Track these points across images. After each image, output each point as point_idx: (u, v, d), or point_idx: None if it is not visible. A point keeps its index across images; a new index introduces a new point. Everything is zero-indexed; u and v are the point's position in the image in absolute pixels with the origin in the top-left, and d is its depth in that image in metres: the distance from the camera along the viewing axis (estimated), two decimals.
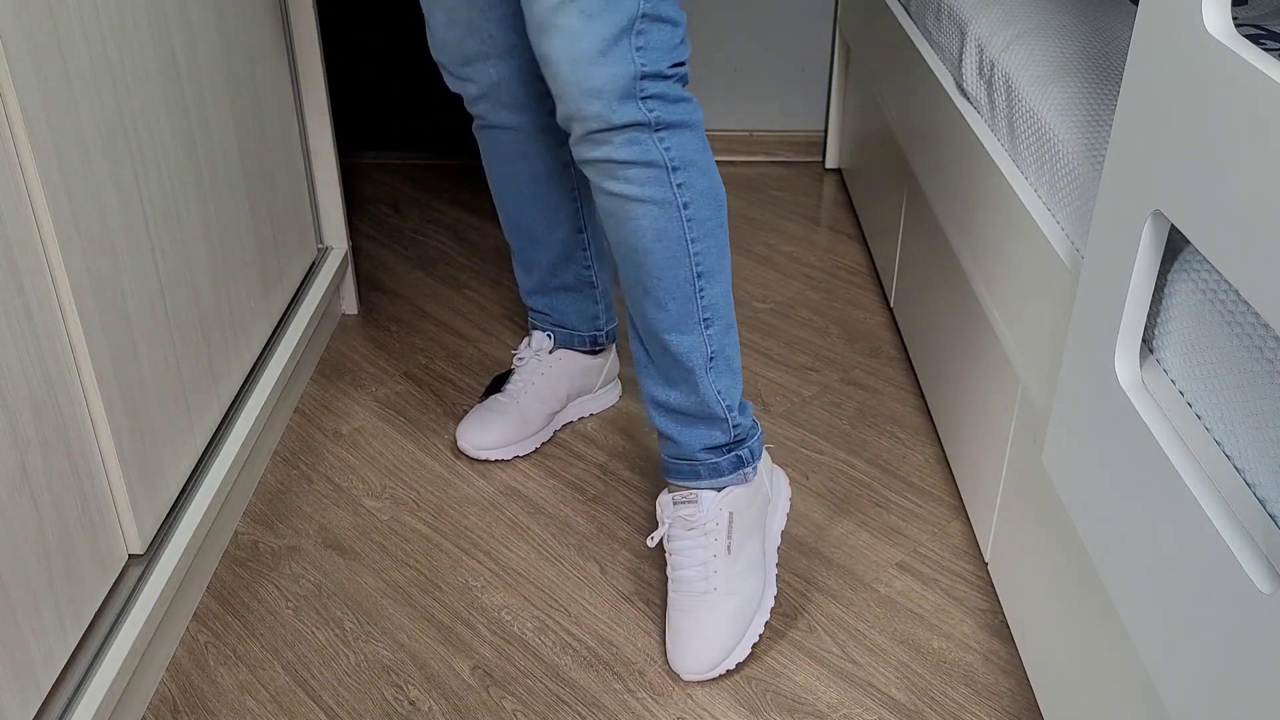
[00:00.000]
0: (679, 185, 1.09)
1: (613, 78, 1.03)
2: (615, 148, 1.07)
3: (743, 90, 2.49)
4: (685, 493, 1.23)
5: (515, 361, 1.60)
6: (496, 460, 1.56)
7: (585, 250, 1.51)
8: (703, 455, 1.22)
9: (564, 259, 1.51)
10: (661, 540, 1.33)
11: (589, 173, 1.11)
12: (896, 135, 1.81)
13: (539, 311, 1.58)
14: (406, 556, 1.40)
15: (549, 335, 1.58)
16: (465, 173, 2.48)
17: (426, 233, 2.21)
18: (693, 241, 1.11)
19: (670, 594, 1.25)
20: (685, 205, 1.10)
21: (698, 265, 1.13)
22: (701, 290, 1.14)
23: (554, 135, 1.41)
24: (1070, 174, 1.09)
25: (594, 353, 1.61)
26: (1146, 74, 0.82)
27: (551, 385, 1.59)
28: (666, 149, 1.08)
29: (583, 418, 1.66)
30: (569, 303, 1.56)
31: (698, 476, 1.23)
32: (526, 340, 1.61)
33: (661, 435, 1.24)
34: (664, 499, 1.25)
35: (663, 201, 1.09)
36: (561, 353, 1.59)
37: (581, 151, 1.10)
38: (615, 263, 1.29)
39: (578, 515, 1.47)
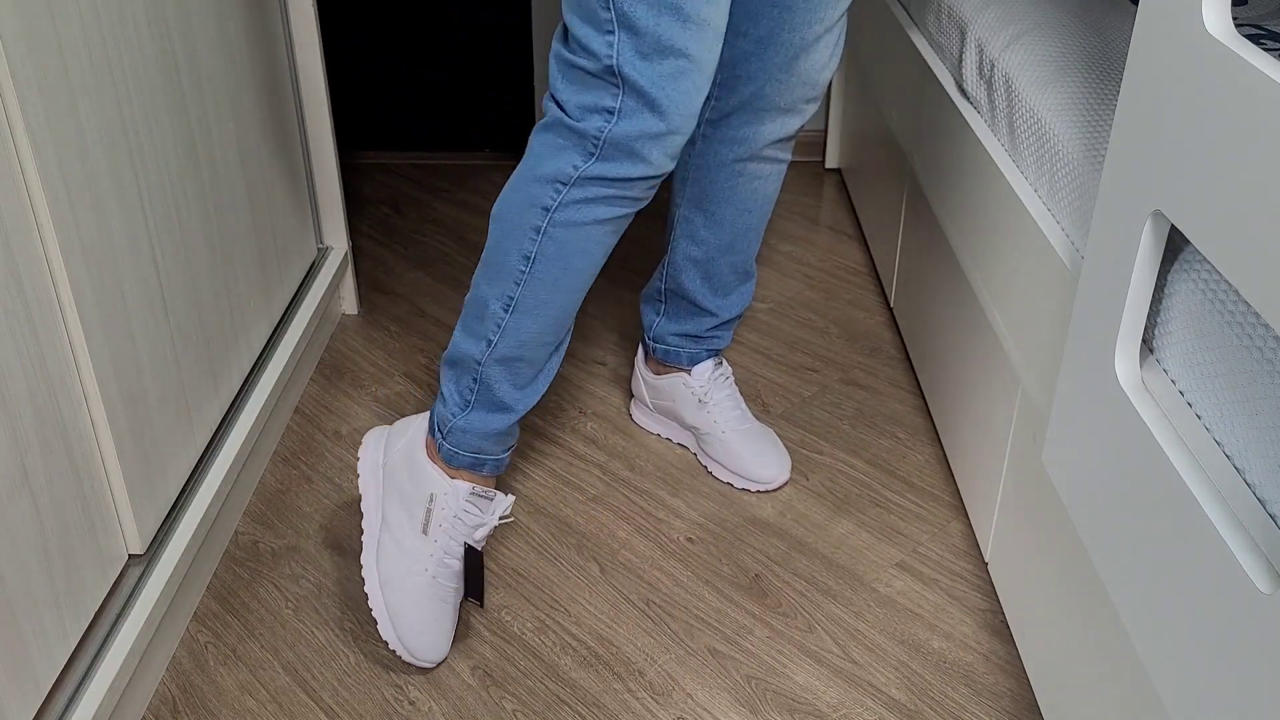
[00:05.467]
0: None
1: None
2: (806, 119, 1.33)
3: None
4: (719, 366, 1.56)
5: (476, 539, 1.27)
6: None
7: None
8: (728, 333, 1.56)
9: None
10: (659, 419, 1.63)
11: (780, 151, 1.36)
12: (896, 135, 1.81)
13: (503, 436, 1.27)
14: None
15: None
16: (465, 173, 2.48)
17: (426, 233, 2.21)
18: None
19: (726, 432, 1.52)
20: None
21: None
22: None
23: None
24: (1070, 174, 1.09)
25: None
26: (1146, 74, 0.82)
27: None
28: None
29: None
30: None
31: (722, 343, 1.56)
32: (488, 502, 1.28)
33: (697, 337, 1.54)
34: (701, 369, 1.54)
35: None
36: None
37: (787, 131, 1.33)
38: (728, 225, 1.43)
39: (578, 515, 1.47)
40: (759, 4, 1.22)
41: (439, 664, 1.24)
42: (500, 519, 1.27)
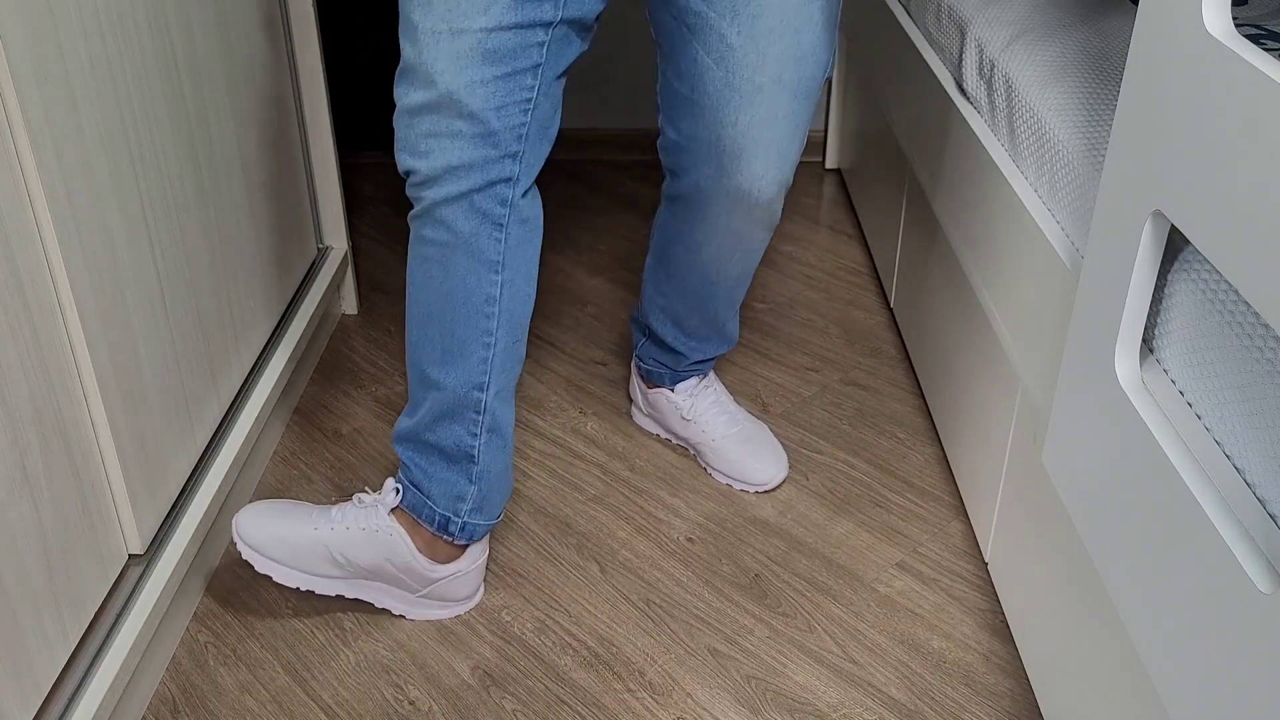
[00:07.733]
0: None
1: (800, 152, 1.26)
2: (777, 208, 1.29)
3: None
4: (703, 379, 1.57)
5: (355, 500, 1.28)
6: (265, 574, 1.27)
7: (478, 414, 1.21)
8: (709, 363, 1.57)
9: (448, 413, 1.22)
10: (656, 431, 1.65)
11: (741, 236, 1.32)
12: (896, 135, 1.81)
13: (403, 462, 1.26)
14: None
15: (396, 490, 1.26)
16: None
17: None
18: None
19: (716, 440, 1.53)
20: None
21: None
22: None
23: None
24: (1070, 174, 1.09)
25: (438, 539, 1.26)
26: (1146, 74, 0.82)
27: (356, 541, 1.25)
28: None
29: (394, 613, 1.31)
30: (435, 468, 1.24)
31: (705, 370, 1.57)
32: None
33: (675, 370, 1.55)
34: (684, 386, 1.55)
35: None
36: (395, 525, 1.25)
37: (733, 228, 1.30)
38: (691, 291, 1.42)
39: (578, 515, 1.47)
40: (676, 98, 1.22)
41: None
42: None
